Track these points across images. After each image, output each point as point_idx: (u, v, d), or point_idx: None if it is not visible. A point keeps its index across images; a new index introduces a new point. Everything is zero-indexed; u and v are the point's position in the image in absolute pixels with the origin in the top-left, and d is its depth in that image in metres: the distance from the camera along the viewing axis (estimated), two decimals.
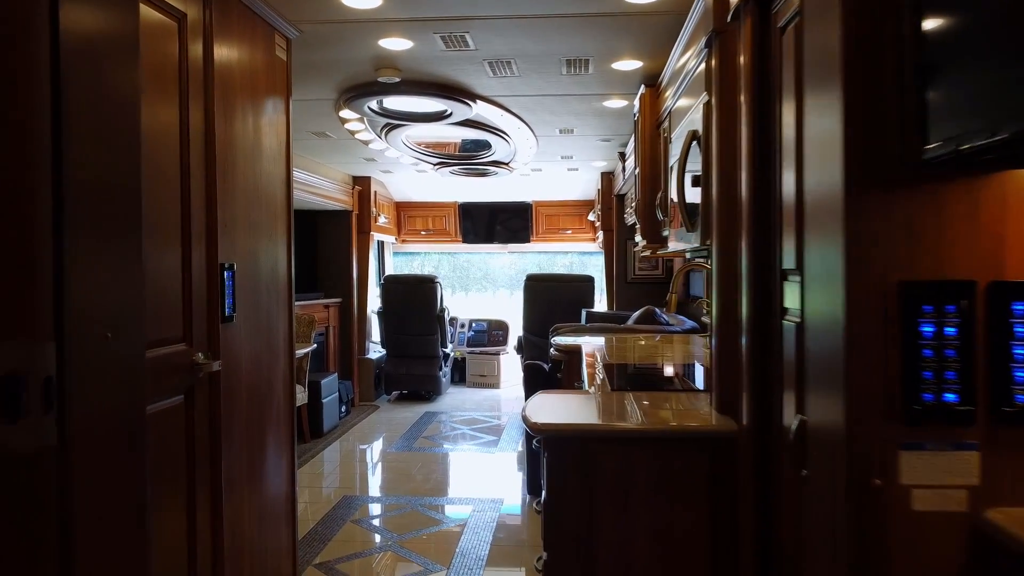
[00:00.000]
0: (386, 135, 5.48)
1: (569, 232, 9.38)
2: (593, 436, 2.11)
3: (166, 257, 2.21)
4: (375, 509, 4.75)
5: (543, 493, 2.56)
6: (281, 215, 3.09)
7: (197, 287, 2.34)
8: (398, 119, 4.85)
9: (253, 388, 2.78)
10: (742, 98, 1.96)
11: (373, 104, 4.47)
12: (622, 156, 6.28)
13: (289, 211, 3.16)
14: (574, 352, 4.19)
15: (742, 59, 1.97)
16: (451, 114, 4.61)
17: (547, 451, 2.11)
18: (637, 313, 5.73)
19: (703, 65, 2.58)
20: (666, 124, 3.57)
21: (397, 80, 3.86)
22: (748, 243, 1.91)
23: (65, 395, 1.20)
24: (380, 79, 3.85)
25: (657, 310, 5.62)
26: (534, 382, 4.92)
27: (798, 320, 1.60)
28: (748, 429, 1.93)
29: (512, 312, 9.97)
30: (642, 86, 3.91)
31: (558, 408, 2.47)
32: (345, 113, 4.73)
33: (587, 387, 2.88)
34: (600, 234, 8.58)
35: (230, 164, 2.61)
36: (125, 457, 1.42)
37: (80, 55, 1.34)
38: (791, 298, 1.67)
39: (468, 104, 4.34)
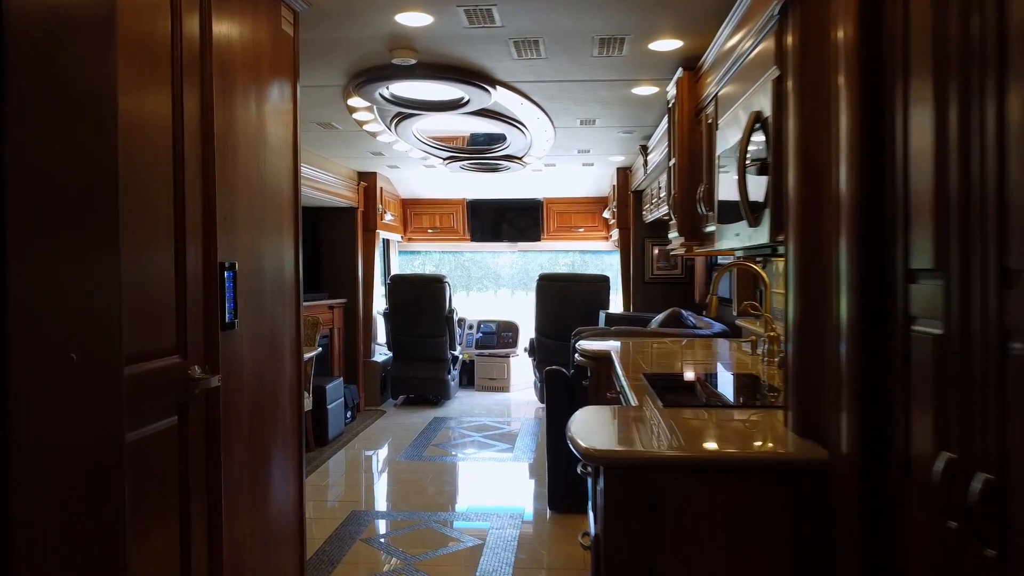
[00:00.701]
0: (396, 126, 5.17)
1: (581, 230, 9.07)
2: (660, 465, 1.79)
3: (156, 256, 1.89)
4: (385, 526, 4.43)
5: (593, 527, 2.25)
6: (288, 210, 2.78)
7: (193, 289, 2.02)
8: (411, 108, 4.53)
9: (257, 401, 2.47)
10: (841, 79, 1.64)
11: (385, 91, 4.15)
12: (644, 149, 5.97)
13: (296, 206, 2.85)
14: (603, 359, 3.88)
15: (842, 31, 1.64)
16: (468, 102, 4.30)
17: (605, 482, 1.80)
18: (662, 316, 5.42)
19: (768, 40, 2.27)
20: (710, 110, 3.25)
21: (413, 62, 3.54)
22: (851, 239, 1.59)
23: (9, 438, 0.89)
24: (394, 61, 3.53)
25: (683, 312, 5.31)
26: (556, 391, 4.61)
27: (939, 331, 1.28)
28: (849, 459, 1.62)
29: (518, 312, 9.69)
30: (679, 69, 3.59)
31: (608, 429, 2.15)
32: (354, 101, 4.42)
33: (632, 400, 2.57)
34: (615, 232, 8.26)
35: (231, 153, 2.29)
36: (94, 507, 1.10)
37: (32, 28, 1.04)
38: (925, 303, 1.35)
39: (487, 90, 4.02)
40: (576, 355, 4.18)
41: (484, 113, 4.74)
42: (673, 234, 3.81)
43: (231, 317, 2.19)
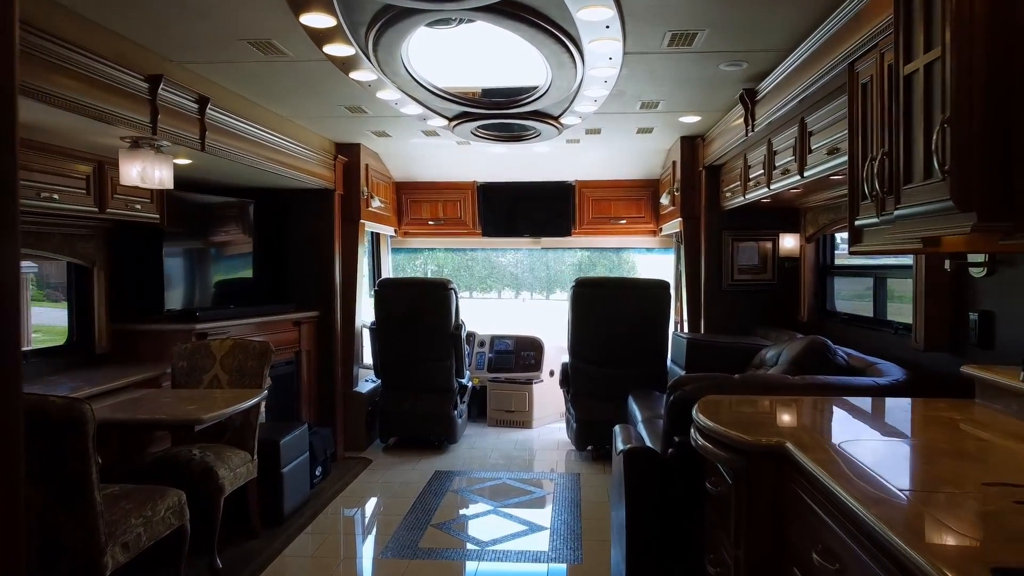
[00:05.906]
0: (376, 50, 3.26)
1: (623, 222, 7.12)
2: None
3: None
4: None
5: None
6: None
7: None
8: None
9: None
10: None
11: None
12: (748, 96, 4.03)
13: (10, 154, 0.92)
14: (766, 456, 1.98)
15: None
16: None
17: None
18: (791, 350, 3.48)
19: None
20: None
21: None
22: None
23: None
24: None
25: (829, 343, 3.38)
26: (640, 488, 2.70)
27: None
28: None
29: (529, 322, 7.87)
30: None
31: None
32: None
33: None
34: (669, 224, 6.35)
35: None
36: None
37: None
38: None
39: None
40: (696, 435, 2.28)
41: (519, 15, 2.82)
42: (938, 201, 1.86)
43: None
